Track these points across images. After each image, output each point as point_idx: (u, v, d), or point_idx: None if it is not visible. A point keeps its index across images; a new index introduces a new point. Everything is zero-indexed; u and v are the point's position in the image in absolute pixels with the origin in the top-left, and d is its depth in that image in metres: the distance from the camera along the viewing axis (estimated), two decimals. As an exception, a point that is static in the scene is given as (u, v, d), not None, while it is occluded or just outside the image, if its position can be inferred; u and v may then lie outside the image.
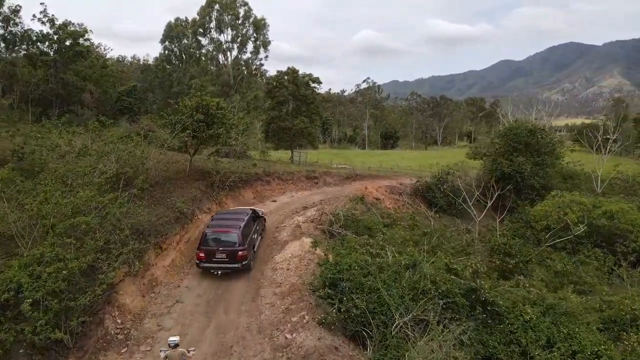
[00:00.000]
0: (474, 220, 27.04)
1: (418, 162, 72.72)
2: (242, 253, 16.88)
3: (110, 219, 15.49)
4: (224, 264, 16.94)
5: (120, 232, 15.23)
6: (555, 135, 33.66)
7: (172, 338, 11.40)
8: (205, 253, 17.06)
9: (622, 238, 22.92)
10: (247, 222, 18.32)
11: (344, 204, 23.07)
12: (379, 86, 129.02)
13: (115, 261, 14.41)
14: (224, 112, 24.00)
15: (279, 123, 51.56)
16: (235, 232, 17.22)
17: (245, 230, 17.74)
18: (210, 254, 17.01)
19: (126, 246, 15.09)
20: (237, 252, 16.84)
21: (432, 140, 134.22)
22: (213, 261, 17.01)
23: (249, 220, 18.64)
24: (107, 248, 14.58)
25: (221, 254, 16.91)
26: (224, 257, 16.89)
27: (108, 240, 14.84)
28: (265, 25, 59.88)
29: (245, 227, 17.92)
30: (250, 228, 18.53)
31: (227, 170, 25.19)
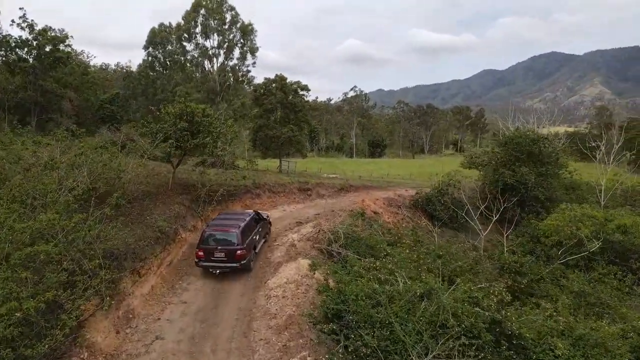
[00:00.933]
0: (478, 234, 25.47)
1: (407, 170, 71.49)
2: (241, 252, 16.93)
3: (78, 245, 13.31)
4: (222, 263, 17.02)
5: (89, 261, 13.03)
6: (558, 144, 32.32)
7: None
8: (204, 252, 17.11)
9: (636, 254, 21.49)
10: (247, 223, 18.30)
11: (342, 219, 21.18)
12: (365, 94, 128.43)
13: (82, 296, 12.19)
14: (211, 120, 22.01)
15: (267, 131, 49.99)
16: (234, 232, 17.31)
17: (245, 230, 17.72)
18: (209, 252, 17.07)
19: (96, 277, 12.91)
20: (235, 252, 16.89)
21: (419, 149, 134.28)
22: (212, 260, 17.08)
23: (250, 221, 18.65)
24: (72, 281, 12.38)
25: (220, 253, 17.00)
26: (223, 256, 16.99)
27: (74, 270, 12.65)
28: (252, 30, 58.11)
29: (245, 228, 17.91)
30: (250, 229, 18.45)
31: (213, 183, 23.14)
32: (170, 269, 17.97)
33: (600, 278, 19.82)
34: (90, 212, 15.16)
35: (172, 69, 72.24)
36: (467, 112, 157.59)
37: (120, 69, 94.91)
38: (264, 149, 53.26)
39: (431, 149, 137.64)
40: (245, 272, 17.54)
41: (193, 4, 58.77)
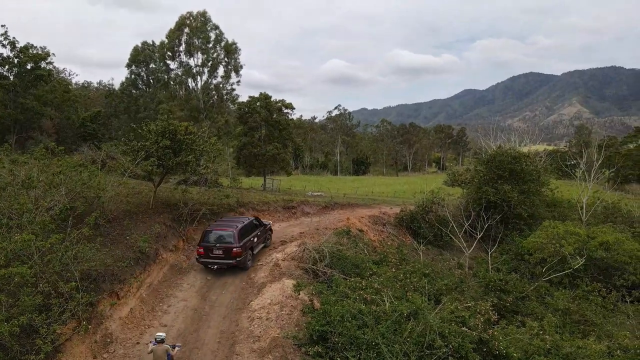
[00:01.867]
0: (463, 252, 25.48)
1: (392, 188, 71.80)
2: (237, 250, 18.42)
3: (54, 266, 12.83)
4: (219, 259, 18.63)
5: (65, 284, 12.55)
6: (539, 162, 32.79)
7: (158, 333, 12.05)
8: (204, 249, 18.78)
9: (619, 270, 21.66)
10: (245, 225, 19.91)
11: (327, 237, 20.91)
12: (349, 113, 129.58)
13: (58, 320, 11.72)
14: (194, 138, 21.71)
15: (251, 149, 50.07)
16: (231, 231, 18.86)
17: (242, 231, 19.22)
18: (209, 249, 18.69)
19: (73, 300, 12.45)
20: (232, 249, 18.41)
21: (403, 167, 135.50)
22: (210, 257, 18.74)
23: (248, 224, 20.28)
24: (48, 304, 11.90)
25: (218, 250, 18.58)
26: (220, 253, 18.55)
27: (50, 293, 12.16)
28: (236, 49, 58.19)
29: (243, 229, 19.44)
30: (248, 231, 19.91)
31: (196, 202, 22.73)
32: (151, 291, 17.43)
33: (585, 295, 19.88)
34: (67, 232, 14.70)
35: (156, 87, 71.94)
36: (449, 130, 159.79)
37: (103, 87, 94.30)
38: (248, 166, 53.15)
39: (414, 167, 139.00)
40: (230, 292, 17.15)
41: (177, 22, 58.75)
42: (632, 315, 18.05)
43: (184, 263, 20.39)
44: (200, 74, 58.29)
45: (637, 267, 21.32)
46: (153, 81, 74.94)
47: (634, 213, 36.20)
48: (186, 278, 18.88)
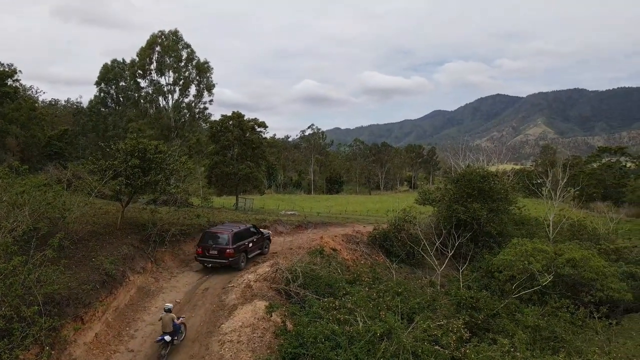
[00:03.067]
0: (434, 270, 25.67)
1: (365, 206, 72.28)
2: (229, 251, 20.41)
3: (16, 290, 12.27)
4: (214, 258, 20.61)
5: (28, 308, 12.01)
6: (506, 181, 33.61)
7: (167, 304, 14.85)
8: (202, 249, 20.85)
9: (586, 287, 22.19)
10: (241, 230, 21.95)
11: (301, 257, 20.71)
12: (323, 132, 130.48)
13: (20, 345, 11.19)
14: (164, 156, 21.34)
15: (223, 168, 49.66)
16: (227, 234, 20.91)
17: (237, 235, 21.22)
18: (206, 249, 20.74)
19: (35, 324, 11.94)
20: (225, 250, 20.38)
21: (375, 185, 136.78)
22: (207, 256, 20.77)
23: (244, 230, 22.26)
24: (9, 328, 11.34)
25: (213, 251, 20.58)
26: (215, 253, 20.53)
27: (12, 317, 11.61)
28: (209, 68, 58.06)
29: (238, 233, 21.44)
30: (243, 236, 21.82)
31: (165, 222, 22.23)
32: (117, 315, 16.82)
33: (554, 312, 20.22)
34: (30, 254, 14.17)
35: (125, 105, 70.80)
36: (420, 150, 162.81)
37: (70, 105, 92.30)
38: (220, 185, 52.51)
39: (386, 186, 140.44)
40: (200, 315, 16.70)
41: (148, 41, 58.33)
42: (601, 332, 18.45)
43: (152, 285, 19.82)
44: (171, 93, 57.82)
45: (604, 283, 21.87)
46: (123, 99, 73.78)
47: (599, 230, 37.45)
48: (154, 301, 18.31)
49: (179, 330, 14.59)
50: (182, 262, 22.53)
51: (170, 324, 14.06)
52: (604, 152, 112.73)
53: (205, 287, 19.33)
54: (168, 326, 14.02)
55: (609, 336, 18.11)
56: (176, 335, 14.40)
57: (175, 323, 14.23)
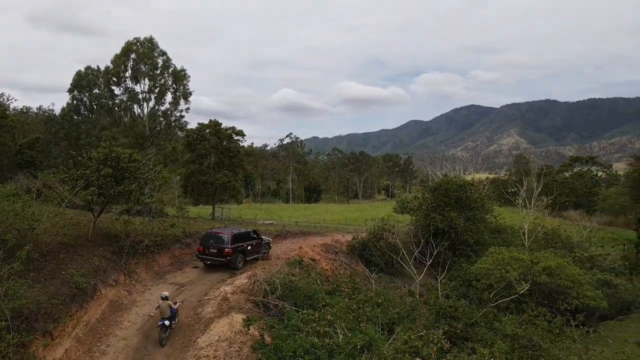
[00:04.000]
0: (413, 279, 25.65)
1: (343, 215, 72.15)
2: (227, 250, 21.68)
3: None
4: (213, 257, 22.02)
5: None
6: (482, 190, 33.99)
7: (163, 293, 16.49)
8: (203, 247, 22.35)
9: (562, 295, 22.43)
10: (240, 233, 23.47)
11: (279, 268, 20.32)
12: (301, 141, 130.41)
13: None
14: (138, 165, 20.75)
15: (200, 177, 48.78)
16: (226, 235, 22.27)
17: (236, 237, 22.59)
18: (206, 248, 22.18)
19: (3, 341, 11.38)
20: (224, 249, 21.69)
21: (354, 194, 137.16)
22: (207, 254, 22.19)
23: (244, 233, 23.80)
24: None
25: (213, 249, 21.95)
26: (215, 251, 21.87)
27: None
28: (185, 76, 57.29)
29: (237, 235, 22.85)
30: (243, 239, 23.28)
31: (139, 233, 21.56)
32: (88, 330, 16.13)
33: (531, 320, 20.32)
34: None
35: (99, 113, 69.37)
36: (397, 159, 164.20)
37: (42, 113, 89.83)
38: (196, 195, 51.56)
39: (365, 194, 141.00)
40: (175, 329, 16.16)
41: (123, 48, 57.30)
42: (578, 340, 18.54)
43: (125, 299, 19.15)
44: (146, 100, 56.79)
45: (579, 291, 22.15)
46: (96, 107, 72.34)
47: (572, 238, 38.14)
48: (127, 315, 17.66)
49: (175, 314, 16.16)
50: (157, 274, 21.89)
51: (168, 310, 15.67)
52: (576, 162, 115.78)
53: (180, 299, 18.74)
54: (166, 312, 15.64)
55: (586, 344, 18.24)
56: (173, 320, 16.04)
57: (172, 309, 15.86)
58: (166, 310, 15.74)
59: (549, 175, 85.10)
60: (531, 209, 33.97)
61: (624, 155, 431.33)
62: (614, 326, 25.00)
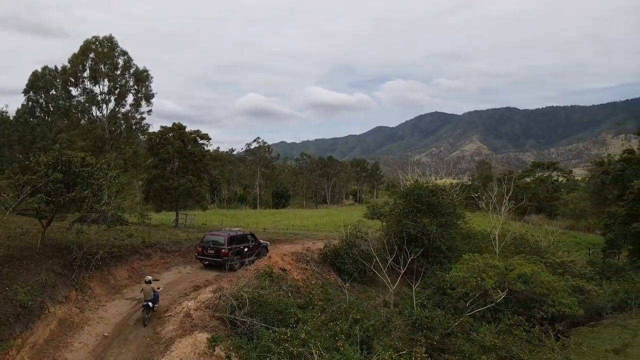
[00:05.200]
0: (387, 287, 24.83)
1: (312, 221, 71.07)
2: (224, 251, 22.87)
3: None
4: (211, 257, 23.20)
5: None
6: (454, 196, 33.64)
7: (147, 277, 17.45)
8: (202, 248, 23.67)
9: (538, 302, 22.04)
10: (237, 235, 24.66)
11: (247, 280, 18.91)
12: (269, 146, 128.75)
13: None
14: (92, 170, 19.01)
15: (162, 182, 46.79)
16: (224, 237, 23.67)
17: (233, 239, 23.88)
18: (205, 249, 23.46)
19: None
20: (221, 250, 22.89)
21: (322, 199, 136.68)
22: (205, 255, 23.52)
23: (241, 235, 25.06)
24: None
25: (211, 250, 23.21)
26: (213, 252, 23.10)
27: None
28: (147, 77, 54.98)
29: (234, 237, 24.07)
30: (239, 241, 24.48)
31: (93, 244, 19.78)
32: (34, 353, 14.42)
33: (508, 329, 19.81)
34: None
35: (55, 115, 65.91)
36: (364, 164, 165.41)
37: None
38: (158, 201, 49.51)
39: (333, 199, 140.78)
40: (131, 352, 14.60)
41: (82, 47, 54.50)
42: (557, 350, 18.13)
43: (77, 317, 17.39)
44: (106, 102, 54.12)
45: (555, 298, 21.80)
46: (53, 109, 68.82)
47: (540, 243, 38.32)
48: (78, 336, 15.95)
49: (157, 298, 17.28)
50: (113, 288, 20.12)
51: (151, 293, 16.88)
52: (537, 167, 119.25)
53: (137, 317, 17.17)
54: (149, 295, 16.84)
55: (566, 355, 17.82)
56: (156, 302, 17.19)
57: (155, 293, 17.08)
58: (149, 293, 16.92)
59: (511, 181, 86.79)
60: (502, 214, 33.79)
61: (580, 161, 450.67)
62: (586, 333, 24.83)
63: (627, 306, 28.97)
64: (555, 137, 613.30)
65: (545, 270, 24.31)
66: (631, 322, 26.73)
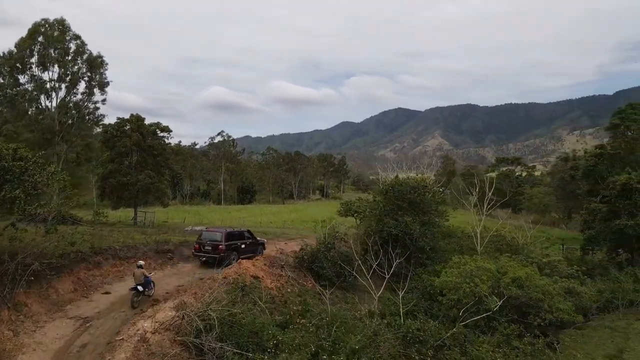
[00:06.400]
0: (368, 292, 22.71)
1: (280, 217, 68.45)
2: (221, 247, 22.78)
3: None
4: (208, 253, 22.97)
5: None
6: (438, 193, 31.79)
7: (139, 262, 18.38)
8: (199, 245, 23.54)
9: (534, 308, 20.36)
10: (235, 232, 24.87)
11: (215, 295, 16.06)
12: (233, 140, 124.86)
13: None
14: (26, 165, 15.82)
15: (119, 178, 43.33)
16: (220, 233, 23.76)
17: (229, 235, 23.97)
18: (202, 245, 23.37)
19: None
20: (217, 246, 22.78)
21: (288, 194, 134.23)
22: (202, 251, 23.35)
23: (238, 232, 25.20)
24: None
25: (208, 247, 23.07)
26: (210, 249, 22.95)
27: None
28: (102, 63, 50.56)
29: (231, 234, 24.18)
30: (236, 237, 24.50)
31: (28, 253, 16.56)
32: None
33: (506, 340, 18.03)
34: None
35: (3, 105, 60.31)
36: (331, 159, 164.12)
37: None
38: (115, 198, 45.89)
39: (300, 194, 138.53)
40: None
41: (30, 30, 49.61)
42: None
43: (9, 342, 14.28)
44: (56, 90, 49.49)
45: (551, 303, 20.20)
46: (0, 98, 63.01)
47: (517, 240, 37.14)
48: (6, 368, 12.95)
49: (150, 283, 17.55)
50: (55, 305, 16.92)
51: (142, 277, 17.08)
52: (502, 162, 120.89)
53: (83, 341, 14.22)
54: (139, 279, 17.03)
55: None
56: (147, 287, 17.34)
57: (147, 277, 17.31)
58: (140, 277, 17.15)
59: (472, 177, 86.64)
60: (484, 211, 32.17)
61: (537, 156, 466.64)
62: (575, 337, 23.49)
63: (612, 306, 28.06)
64: (514, 133, 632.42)
65: (538, 273, 22.70)
66: (620, 324, 25.69)
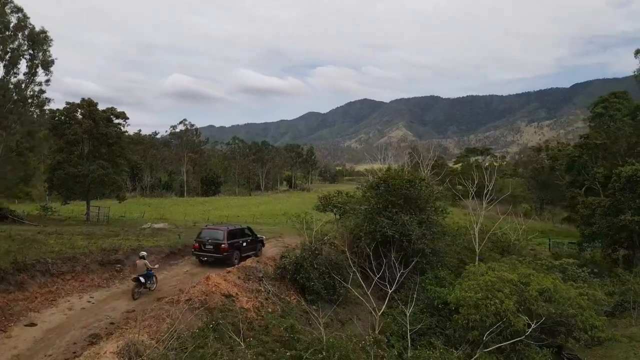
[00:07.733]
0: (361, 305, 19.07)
1: (248, 210, 63.81)
2: (224, 246, 21.62)
3: None
4: (210, 253, 21.85)
5: None
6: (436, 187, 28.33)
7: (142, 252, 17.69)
8: (199, 244, 22.23)
9: (565, 326, 17.11)
10: (236, 229, 23.30)
11: (175, 326, 11.66)
12: (197, 129, 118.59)
13: None
14: None
15: (69, 169, 38.70)
16: (222, 231, 22.43)
17: (231, 233, 22.50)
18: (202, 244, 22.11)
19: None
20: (220, 245, 21.65)
21: (255, 185, 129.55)
22: (203, 250, 22.11)
23: (240, 229, 23.62)
24: None
25: (210, 246, 21.86)
26: (212, 248, 21.80)
27: None
28: (47, 39, 44.31)
29: (232, 232, 22.74)
30: (237, 235, 22.92)
31: None
32: None
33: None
34: None
35: None
36: (299, 150, 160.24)
37: None
38: (64, 191, 40.84)
39: (267, 186, 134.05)
40: None
41: (-39, 0, 42.96)
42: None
43: None
44: (-8, 69, 43.11)
45: (584, 319, 16.98)
46: None
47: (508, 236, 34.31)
48: None
49: (152, 276, 17.08)
50: (-49, 344, 12.28)
51: (144, 268, 16.70)
52: (471, 153, 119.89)
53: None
54: (142, 270, 16.64)
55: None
56: (149, 280, 16.88)
57: (149, 270, 16.82)
58: (142, 268, 16.56)
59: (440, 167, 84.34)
60: (483, 208, 28.89)
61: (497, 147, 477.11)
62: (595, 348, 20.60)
63: (621, 308, 25.65)
64: (475, 124, 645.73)
65: (561, 280, 19.46)
66: (636, 332, 23.08)
